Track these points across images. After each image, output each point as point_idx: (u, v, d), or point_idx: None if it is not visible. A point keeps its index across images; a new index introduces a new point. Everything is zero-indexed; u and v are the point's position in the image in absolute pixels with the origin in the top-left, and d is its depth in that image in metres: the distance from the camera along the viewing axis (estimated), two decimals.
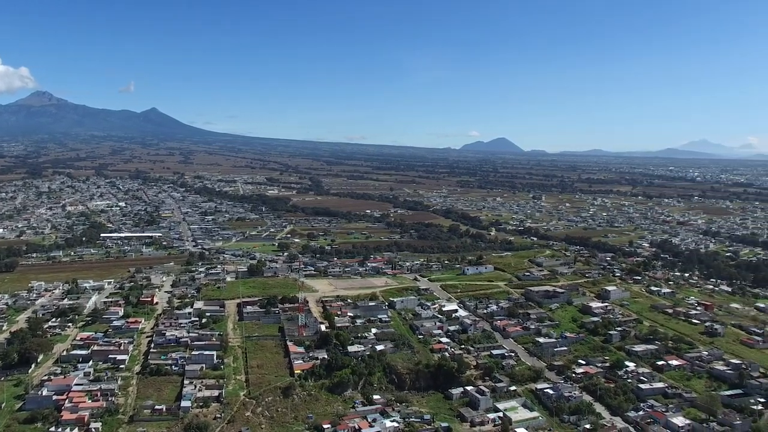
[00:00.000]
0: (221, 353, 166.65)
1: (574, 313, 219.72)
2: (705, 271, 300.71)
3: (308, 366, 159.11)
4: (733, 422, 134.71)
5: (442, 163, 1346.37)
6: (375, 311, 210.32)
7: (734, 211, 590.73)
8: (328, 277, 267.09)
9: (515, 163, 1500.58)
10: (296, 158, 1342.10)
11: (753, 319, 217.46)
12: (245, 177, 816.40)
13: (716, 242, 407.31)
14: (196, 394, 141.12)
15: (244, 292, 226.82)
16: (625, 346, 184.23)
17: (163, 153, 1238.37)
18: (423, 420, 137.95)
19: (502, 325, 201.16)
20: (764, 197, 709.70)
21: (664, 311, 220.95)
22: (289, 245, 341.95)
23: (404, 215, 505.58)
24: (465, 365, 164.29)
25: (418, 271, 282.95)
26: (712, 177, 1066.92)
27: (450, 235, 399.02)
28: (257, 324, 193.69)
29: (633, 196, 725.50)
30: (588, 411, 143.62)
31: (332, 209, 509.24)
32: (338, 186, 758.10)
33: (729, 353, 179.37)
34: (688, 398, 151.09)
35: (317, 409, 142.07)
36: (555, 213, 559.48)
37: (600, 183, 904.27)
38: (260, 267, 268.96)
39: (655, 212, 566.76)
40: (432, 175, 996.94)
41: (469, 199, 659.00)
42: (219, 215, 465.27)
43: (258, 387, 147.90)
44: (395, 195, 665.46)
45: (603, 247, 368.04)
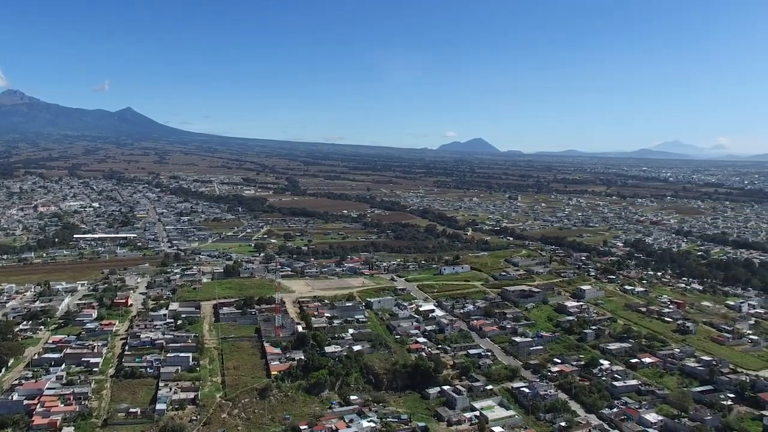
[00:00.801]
0: (197, 355, 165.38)
1: (550, 312, 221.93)
2: (677, 270, 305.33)
3: (285, 367, 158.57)
4: (704, 418, 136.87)
5: (419, 164, 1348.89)
6: (352, 311, 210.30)
7: (705, 210, 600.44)
8: (305, 277, 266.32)
9: (492, 163, 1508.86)
10: (273, 158, 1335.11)
11: (723, 317, 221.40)
12: (221, 177, 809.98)
13: (688, 241, 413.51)
14: (172, 397, 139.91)
15: (221, 293, 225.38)
16: (599, 345, 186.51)
17: (138, 153, 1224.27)
18: (400, 420, 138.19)
19: (479, 325, 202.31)
20: (734, 197, 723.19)
21: (638, 310, 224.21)
22: (266, 246, 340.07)
23: (381, 215, 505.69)
24: (442, 365, 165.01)
25: (395, 271, 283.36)
26: (684, 177, 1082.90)
27: (427, 235, 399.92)
28: (234, 325, 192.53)
29: (607, 196, 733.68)
30: (563, 409, 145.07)
31: (309, 209, 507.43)
32: (315, 186, 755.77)
33: (700, 350, 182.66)
34: (660, 395, 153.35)
35: (294, 410, 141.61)
36: (531, 213, 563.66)
37: (575, 183, 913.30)
38: (236, 268, 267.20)
39: (629, 212, 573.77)
40: (409, 175, 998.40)
41: (445, 199, 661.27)
42: (195, 216, 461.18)
43: (234, 388, 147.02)
44: (372, 195, 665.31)
45: (578, 246, 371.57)
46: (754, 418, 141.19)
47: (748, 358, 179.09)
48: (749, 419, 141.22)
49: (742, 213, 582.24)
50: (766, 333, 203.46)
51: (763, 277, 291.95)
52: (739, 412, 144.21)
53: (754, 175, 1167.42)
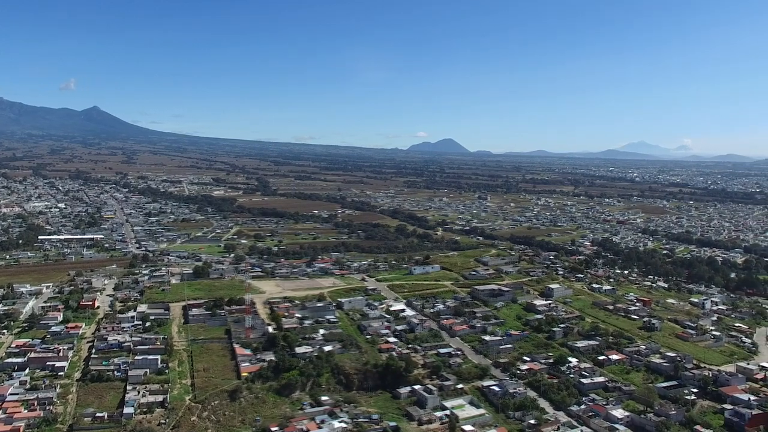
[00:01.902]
0: (166, 357, 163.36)
1: (519, 311, 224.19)
2: (643, 269, 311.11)
3: (255, 368, 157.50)
4: (668, 413, 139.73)
5: (389, 164, 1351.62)
6: (323, 312, 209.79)
7: (670, 210, 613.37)
8: (275, 278, 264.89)
9: (461, 163, 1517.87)
10: (243, 158, 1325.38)
11: (687, 314, 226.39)
12: (191, 177, 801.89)
13: (654, 240, 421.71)
14: (140, 400, 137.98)
15: (190, 294, 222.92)
16: (567, 343, 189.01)
17: (106, 153, 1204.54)
18: (371, 420, 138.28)
19: (449, 324, 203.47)
20: (698, 197, 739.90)
21: (605, 308, 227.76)
22: (236, 246, 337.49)
23: (352, 215, 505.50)
24: (412, 364, 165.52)
25: (366, 271, 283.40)
26: (650, 177, 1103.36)
27: (397, 235, 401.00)
28: (203, 326, 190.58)
29: (575, 195, 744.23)
30: (532, 406, 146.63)
31: (280, 210, 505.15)
32: (286, 186, 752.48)
33: (665, 347, 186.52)
34: (627, 391, 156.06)
35: (265, 411, 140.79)
36: (500, 213, 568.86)
37: (544, 183, 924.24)
38: (206, 269, 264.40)
39: (597, 211, 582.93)
40: (379, 175, 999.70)
41: (416, 199, 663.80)
42: (163, 216, 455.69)
43: (204, 391, 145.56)
44: (343, 195, 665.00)
45: (546, 245, 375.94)
46: (716, 412, 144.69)
47: (711, 353, 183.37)
48: (711, 413, 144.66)
49: (706, 212, 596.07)
50: (728, 329, 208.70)
51: (726, 274, 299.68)
52: (702, 406, 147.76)
53: (716, 175, 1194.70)
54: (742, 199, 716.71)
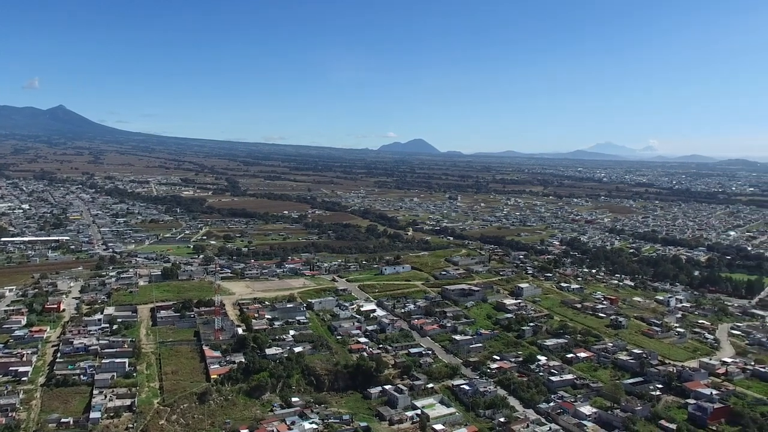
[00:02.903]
0: (134, 360, 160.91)
1: (489, 310, 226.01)
2: (611, 267, 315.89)
3: (225, 370, 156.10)
4: (634, 408, 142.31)
5: (359, 164, 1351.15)
6: (293, 313, 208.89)
7: (637, 209, 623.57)
8: (245, 279, 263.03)
9: (432, 163, 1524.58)
10: (212, 159, 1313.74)
11: (653, 311, 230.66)
12: (159, 178, 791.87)
13: (621, 239, 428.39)
14: (107, 404, 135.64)
15: (158, 296, 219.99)
16: (537, 341, 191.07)
17: (71, 153, 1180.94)
18: (342, 420, 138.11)
19: (420, 324, 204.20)
20: (663, 197, 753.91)
21: (574, 306, 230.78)
22: (205, 247, 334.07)
23: (322, 216, 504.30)
24: (383, 364, 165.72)
25: (336, 271, 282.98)
26: (617, 178, 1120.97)
27: (368, 236, 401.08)
28: (172, 329, 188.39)
29: (544, 195, 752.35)
30: (502, 405, 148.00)
31: (249, 210, 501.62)
32: (255, 187, 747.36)
33: (632, 344, 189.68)
34: (594, 388, 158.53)
35: (234, 413, 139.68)
36: (470, 213, 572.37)
37: (513, 183, 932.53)
38: (175, 270, 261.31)
39: (565, 211, 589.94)
40: (350, 175, 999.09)
41: (386, 199, 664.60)
42: (131, 217, 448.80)
43: (173, 394, 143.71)
44: (313, 196, 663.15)
45: (516, 245, 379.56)
46: (680, 407, 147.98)
47: (675, 350, 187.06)
48: (675, 408, 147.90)
49: (671, 212, 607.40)
50: (692, 326, 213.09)
51: (689, 272, 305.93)
52: (667, 402, 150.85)
53: (681, 175, 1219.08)
54: (705, 199, 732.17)
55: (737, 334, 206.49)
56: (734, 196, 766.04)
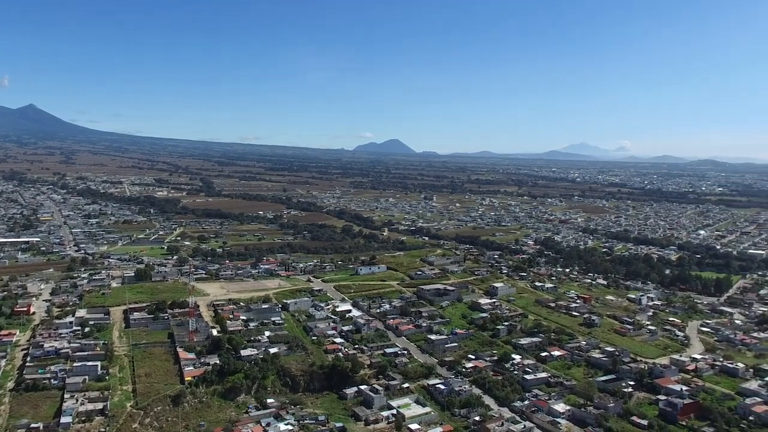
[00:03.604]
0: (106, 363, 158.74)
1: (464, 309, 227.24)
2: (584, 266, 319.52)
3: (199, 372, 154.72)
4: (607, 405, 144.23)
5: (335, 164, 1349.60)
6: (268, 314, 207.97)
7: (609, 209, 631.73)
8: (219, 280, 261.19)
9: (407, 164, 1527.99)
10: (187, 159, 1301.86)
11: (625, 309, 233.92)
12: (132, 178, 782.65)
13: (594, 239, 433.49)
14: (78, 409, 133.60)
15: (131, 298, 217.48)
16: (511, 340, 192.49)
17: (42, 153, 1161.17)
18: (318, 421, 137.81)
19: (395, 324, 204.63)
20: (635, 196, 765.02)
21: (548, 305, 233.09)
22: (179, 248, 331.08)
23: (297, 216, 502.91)
24: (359, 365, 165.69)
25: (312, 272, 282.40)
26: (591, 178, 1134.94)
27: (343, 236, 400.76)
28: (145, 331, 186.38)
29: (519, 196, 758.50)
30: (477, 403, 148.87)
31: (224, 211, 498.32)
32: (230, 187, 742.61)
33: (604, 342, 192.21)
34: (568, 386, 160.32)
35: (209, 416, 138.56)
36: (446, 213, 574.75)
37: (488, 183, 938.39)
38: (148, 271, 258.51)
39: (539, 211, 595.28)
40: (325, 175, 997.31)
41: (362, 199, 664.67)
42: (104, 218, 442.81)
43: (146, 397, 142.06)
44: (288, 196, 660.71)
45: (491, 245, 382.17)
46: (651, 403, 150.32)
47: (647, 347, 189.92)
48: (647, 404, 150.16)
49: (643, 211, 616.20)
50: (663, 323, 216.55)
51: (661, 271, 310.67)
52: (639, 398, 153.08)
53: (653, 175, 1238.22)
54: (676, 199, 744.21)
55: (706, 331, 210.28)
56: (704, 196, 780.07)
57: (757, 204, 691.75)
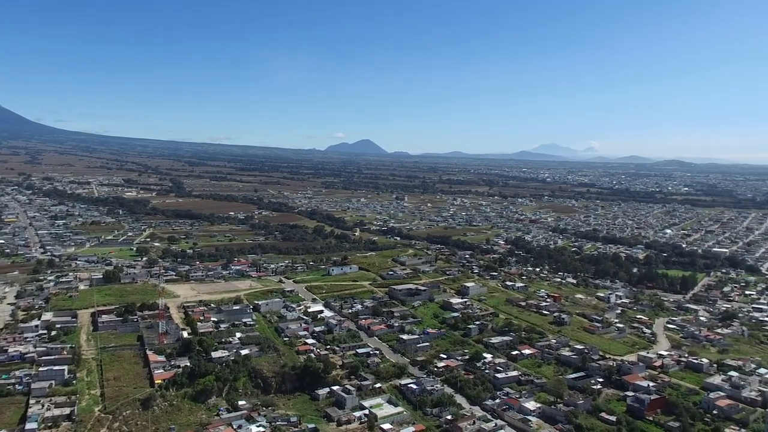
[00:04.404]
0: (73, 367, 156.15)
1: (436, 309, 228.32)
2: (554, 266, 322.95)
3: (169, 375, 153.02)
4: (576, 402, 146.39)
5: (307, 165, 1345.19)
6: (239, 315, 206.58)
7: (579, 209, 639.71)
8: (190, 281, 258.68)
9: (379, 164, 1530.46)
10: (156, 159, 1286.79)
11: (594, 308, 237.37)
12: (101, 178, 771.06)
13: (563, 238, 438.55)
14: (44, 414, 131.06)
15: (99, 300, 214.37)
16: (483, 339, 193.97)
17: (7, 152, 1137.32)
18: (290, 423, 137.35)
19: (367, 324, 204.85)
20: (604, 196, 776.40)
21: (518, 304, 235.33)
22: (149, 249, 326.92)
23: (269, 217, 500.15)
24: (331, 365, 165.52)
25: (283, 272, 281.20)
26: (560, 178, 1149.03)
27: (315, 236, 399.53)
28: (114, 334, 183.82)
29: (490, 196, 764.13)
30: (449, 403, 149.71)
31: (194, 211, 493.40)
32: (201, 187, 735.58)
33: (574, 340, 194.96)
34: (539, 384, 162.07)
35: (180, 419, 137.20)
36: (417, 213, 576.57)
37: (459, 183, 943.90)
38: (117, 273, 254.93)
39: (510, 211, 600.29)
40: (297, 176, 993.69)
41: (333, 200, 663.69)
42: (71, 219, 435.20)
43: (115, 401, 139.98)
44: (260, 196, 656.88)
45: (462, 245, 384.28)
46: (619, 399, 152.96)
47: (615, 344, 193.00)
48: (615, 400, 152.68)
49: (611, 211, 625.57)
50: (630, 321, 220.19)
51: (629, 269, 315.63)
52: (607, 395, 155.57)
53: (621, 175, 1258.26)
54: (643, 198, 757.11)
55: (672, 328, 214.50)
56: (670, 196, 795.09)
57: (720, 203, 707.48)
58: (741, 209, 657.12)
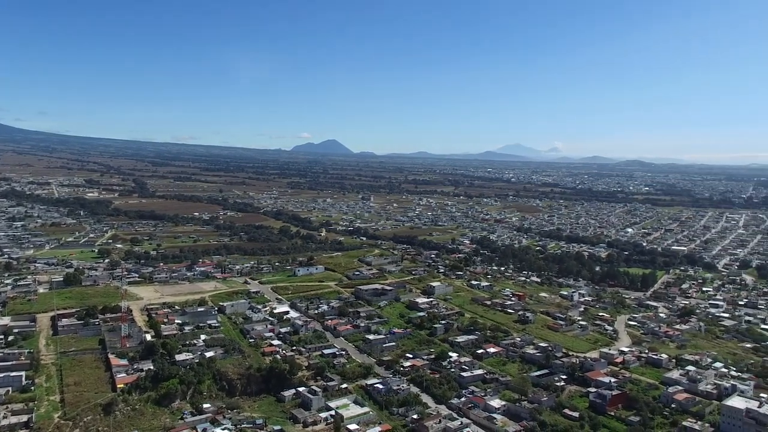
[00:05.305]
0: (31, 373, 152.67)
1: (402, 309, 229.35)
2: (518, 265, 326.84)
3: (132, 379, 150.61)
4: (540, 399, 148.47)
5: (272, 165, 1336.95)
6: (204, 317, 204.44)
7: (543, 208, 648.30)
8: (153, 283, 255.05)
9: (345, 164, 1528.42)
10: (119, 159, 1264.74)
11: (558, 306, 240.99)
12: (61, 179, 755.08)
13: (528, 238, 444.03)
14: (0, 422, 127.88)
15: (60, 303, 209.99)
16: (448, 338, 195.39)
17: None
18: (255, 425, 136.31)
19: (333, 325, 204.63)
20: (567, 196, 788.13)
21: (483, 303, 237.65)
22: (111, 251, 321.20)
23: (234, 217, 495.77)
24: (297, 366, 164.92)
25: (249, 273, 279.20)
26: (525, 178, 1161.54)
27: (281, 237, 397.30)
28: (75, 338, 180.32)
29: (455, 196, 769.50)
30: (415, 402, 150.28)
31: (158, 212, 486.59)
32: (164, 188, 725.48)
33: (538, 338, 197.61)
34: (503, 382, 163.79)
35: (142, 424, 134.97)
36: (383, 213, 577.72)
37: (425, 184, 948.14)
38: (78, 276, 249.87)
39: (475, 211, 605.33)
40: (262, 176, 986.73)
41: (299, 200, 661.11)
42: (30, 221, 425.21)
43: (75, 407, 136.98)
44: (225, 197, 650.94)
45: (428, 245, 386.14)
46: (582, 395, 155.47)
47: (578, 342, 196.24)
48: (578, 396, 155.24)
49: (574, 210, 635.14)
50: (593, 318, 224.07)
51: (591, 268, 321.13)
52: (570, 391, 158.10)
53: (584, 175, 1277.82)
54: (605, 198, 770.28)
55: (633, 325, 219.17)
56: (631, 195, 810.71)
57: (679, 203, 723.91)
58: (698, 208, 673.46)
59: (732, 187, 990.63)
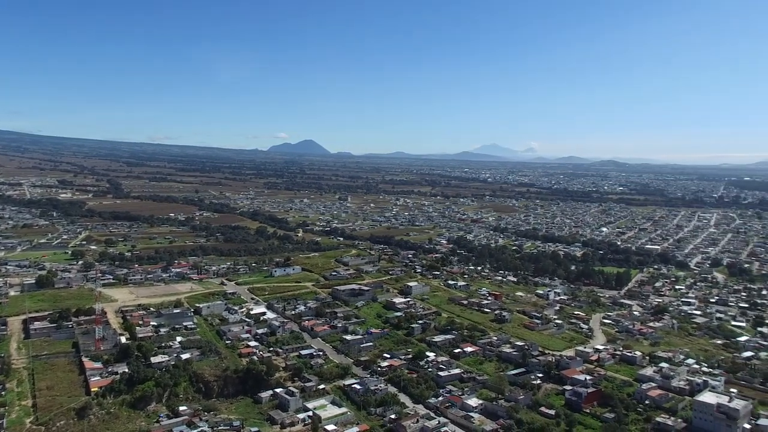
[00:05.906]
0: (2, 378, 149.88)
1: (379, 309, 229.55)
2: (495, 264, 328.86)
3: (107, 382, 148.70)
4: (517, 398, 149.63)
5: (249, 165, 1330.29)
6: (180, 318, 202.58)
7: (519, 208, 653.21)
8: (128, 285, 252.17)
9: (322, 164, 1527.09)
10: (93, 159, 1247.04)
11: (534, 305, 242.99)
12: (33, 179, 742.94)
13: (504, 237, 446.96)
14: None
15: (32, 306, 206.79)
16: (426, 338, 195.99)
17: None
18: (232, 427, 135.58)
19: (310, 325, 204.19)
20: (543, 196, 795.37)
21: (460, 303, 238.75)
22: (85, 253, 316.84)
23: (210, 218, 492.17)
24: (274, 368, 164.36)
25: (225, 274, 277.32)
26: (501, 178, 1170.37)
27: (257, 237, 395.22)
28: (47, 341, 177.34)
29: (432, 196, 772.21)
30: (393, 402, 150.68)
31: (133, 213, 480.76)
32: (140, 188, 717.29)
33: (515, 337, 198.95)
34: (480, 381, 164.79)
35: (117, 427, 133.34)
36: (360, 213, 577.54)
37: (402, 184, 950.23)
38: (51, 278, 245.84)
39: (452, 211, 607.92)
40: (239, 176, 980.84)
41: (276, 200, 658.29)
42: (1, 222, 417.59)
43: (48, 411, 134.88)
44: (200, 197, 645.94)
45: (405, 245, 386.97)
46: (558, 393, 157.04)
47: (554, 340, 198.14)
48: (554, 394, 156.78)
49: (550, 210, 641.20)
50: (569, 317, 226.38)
51: (567, 267, 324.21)
52: (547, 389, 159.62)
53: (559, 175, 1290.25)
54: (581, 198, 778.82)
55: (608, 323, 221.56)
56: (606, 195, 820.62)
57: (653, 202, 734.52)
58: (671, 207, 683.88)
59: (704, 186, 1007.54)
